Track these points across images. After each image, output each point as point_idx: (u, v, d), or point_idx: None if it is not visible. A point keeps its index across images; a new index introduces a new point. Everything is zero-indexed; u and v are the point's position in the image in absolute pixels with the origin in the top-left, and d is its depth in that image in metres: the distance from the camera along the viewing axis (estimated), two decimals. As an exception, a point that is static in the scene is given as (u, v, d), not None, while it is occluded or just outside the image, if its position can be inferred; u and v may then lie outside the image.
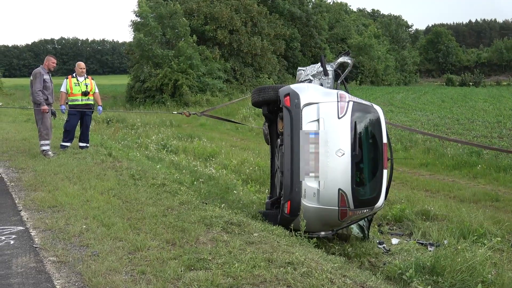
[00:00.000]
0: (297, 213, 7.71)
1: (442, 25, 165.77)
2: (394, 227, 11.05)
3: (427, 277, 6.54)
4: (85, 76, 13.55)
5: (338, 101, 7.94)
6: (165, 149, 19.07)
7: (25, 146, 13.31)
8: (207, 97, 44.97)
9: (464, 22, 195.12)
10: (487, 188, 15.41)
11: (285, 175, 8.00)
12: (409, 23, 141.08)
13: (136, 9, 49.99)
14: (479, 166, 17.79)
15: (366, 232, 9.40)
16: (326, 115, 7.84)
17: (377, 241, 9.33)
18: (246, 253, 5.79)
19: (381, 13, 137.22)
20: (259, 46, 55.22)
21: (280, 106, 8.43)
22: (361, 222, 9.36)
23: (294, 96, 8.01)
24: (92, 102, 13.67)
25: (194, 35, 48.90)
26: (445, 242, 9.08)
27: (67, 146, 13.43)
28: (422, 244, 9.36)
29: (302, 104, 7.91)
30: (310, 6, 75.71)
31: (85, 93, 13.34)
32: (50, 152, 12.48)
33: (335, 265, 5.90)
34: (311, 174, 7.70)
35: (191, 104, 43.57)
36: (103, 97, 57.10)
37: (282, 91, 8.43)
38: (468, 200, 13.70)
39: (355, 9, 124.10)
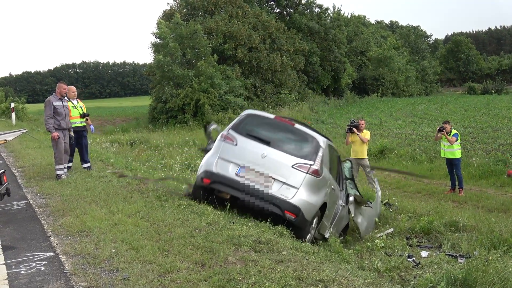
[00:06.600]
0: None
1: (461, 33, 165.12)
2: (423, 240, 10.96)
3: (459, 289, 6.45)
4: (77, 100, 14.01)
5: (223, 140, 9.65)
6: (190, 169, 19.10)
7: (51, 172, 13.39)
8: (229, 115, 44.98)
9: (483, 30, 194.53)
10: (515, 196, 15.24)
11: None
12: (428, 33, 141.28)
13: (156, 31, 50.42)
14: (506, 174, 17.60)
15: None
16: (227, 153, 9.45)
17: (407, 255, 9.26)
18: (276, 272, 5.77)
19: (400, 24, 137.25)
20: (279, 62, 55.20)
21: (210, 187, 9.64)
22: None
23: (207, 173, 9.50)
24: (85, 124, 14.25)
25: (215, 54, 49.06)
26: (476, 253, 8.98)
27: (88, 168, 14.05)
28: (452, 256, 9.27)
29: (214, 170, 9.40)
30: (328, 20, 75.77)
31: (83, 115, 13.95)
32: (63, 176, 12.73)
33: (366, 281, 5.86)
34: (283, 187, 8.99)
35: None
36: (126, 118, 57.72)
37: (198, 180, 9.84)
38: (496, 210, 13.56)
39: (373, 22, 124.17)
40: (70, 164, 13.81)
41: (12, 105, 39.91)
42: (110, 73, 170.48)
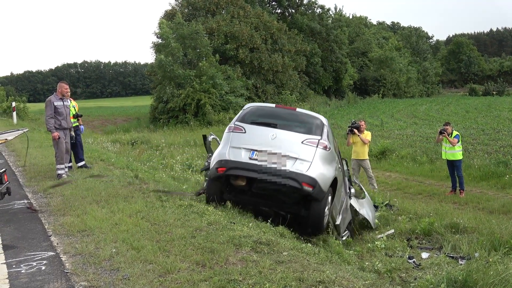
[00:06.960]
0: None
1: (463, 35, 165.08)
2: (424, 241, 10.93)
3: (460, 291, 6.43)
4: (70, 99, 13.94)
5: (231, 131, 9.96)
6: (190, 169, 19.08)
7: (52, 171, 13.39)
8: (230, 116, 44.96)
9: (485, 31, 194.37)
10: (516, 198, 15.21)
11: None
12: (430, 34, 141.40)
13: (157, 31, 50.43)
14: (507, 176, 17.59)
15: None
16: (237, 141, 9.73)
17: (407, 256, 9.25)
18: (277, 273, 5.77)
19: (401, 25, 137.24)
20: (280, 63, 55.27)
21: (225, 174, 9.67)
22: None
23: (221, 162, 9.58)
24: (78, 124, 14.33)
25: (216, 55, 49.06)
26: (476, 255, 8.96)
27: (84, 166, 14.20)
28: (452, 257, 9.24)
29: (228, 158, 9.56)
30: (330, 21, 75.79)
31: (76, 116, 14.08)
32: (64, 175, 12.74)
33: (367, 282, 5.85)
34: (296, 162, 9.23)
35: (214, 123, 43.68)
36: (127, 118, 57.70)
37: (213, 172, 9.86)
38: (497, 212, 13.54)
39: (375, 23, 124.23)
40: (70, 164, 13.81)
41: (14, 104, 39.89)
42: (112, 72, 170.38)
